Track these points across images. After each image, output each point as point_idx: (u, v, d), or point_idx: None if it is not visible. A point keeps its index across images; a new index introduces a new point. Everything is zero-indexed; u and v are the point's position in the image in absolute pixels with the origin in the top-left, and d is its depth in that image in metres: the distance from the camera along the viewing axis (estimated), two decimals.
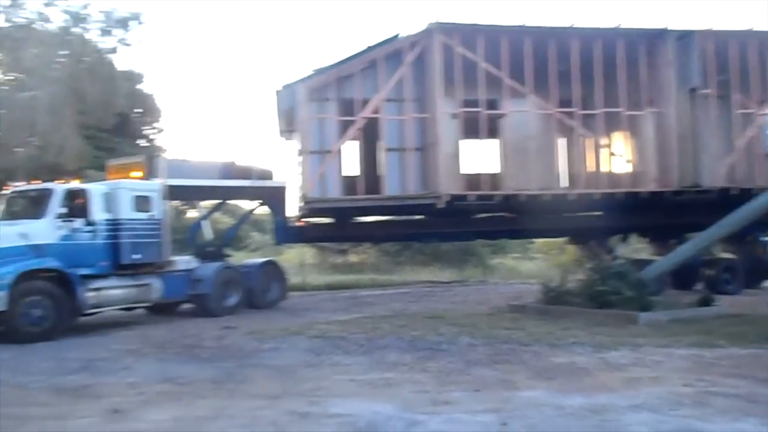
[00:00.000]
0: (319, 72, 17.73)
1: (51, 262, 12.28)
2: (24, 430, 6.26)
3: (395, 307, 16.17)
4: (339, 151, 17.74)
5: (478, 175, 19.22)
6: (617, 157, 18.90)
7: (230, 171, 16.59)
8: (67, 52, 19.18)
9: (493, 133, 18.50)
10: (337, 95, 17.82)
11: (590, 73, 17.82)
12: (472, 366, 8.84)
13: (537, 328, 11.85)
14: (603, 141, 18.58)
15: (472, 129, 18.08)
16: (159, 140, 35.86)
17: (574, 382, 7.81)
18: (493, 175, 19.24)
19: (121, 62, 24.17)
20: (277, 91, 17.95)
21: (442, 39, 17.31)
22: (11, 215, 13.24)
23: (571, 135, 19.06)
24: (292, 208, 18.57)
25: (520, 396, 7.12)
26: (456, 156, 17.92)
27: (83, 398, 7.50)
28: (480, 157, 20.44)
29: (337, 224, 19.53)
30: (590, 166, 18.87)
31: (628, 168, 18.89)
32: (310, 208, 17.41)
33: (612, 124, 18.43)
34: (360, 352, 10.10)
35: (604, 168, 18.88)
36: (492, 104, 18.09)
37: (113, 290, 13.37)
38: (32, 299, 11.79)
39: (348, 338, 11.28)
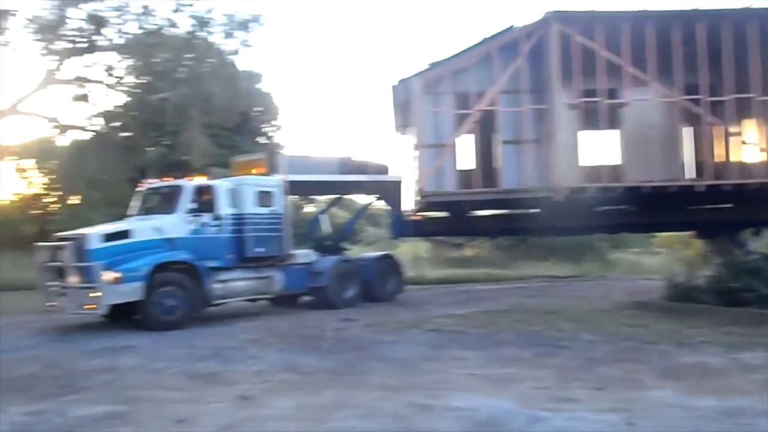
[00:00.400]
0: (434, 65, 17.72)
1: (182, 255, 12.94)
2: (162, 411, 6.62)
3: (512, 302, 15.95)
4: (454, 145, 17.68)
5: (598, 167, 18.62)
6: (749, 145, 17.77)
7: (347, 166, 16.86)
8: (192, 55, 20.06)
9: (613, 123, 17.88)
10: (453, 88, 17.76)
11: (718, 58, 16.86)
12: (594, 364, 8.60)
13: (661, 326, 11.36)
14: (733, 129, 17.53)
15: (591, 119, 17.55)
16: (277, 137, 37.09)
17: (706, 383, 7.44)
18: (614, 167, 18.57)
19: (241, 62, 25.19)
20: (393, 86, 18.10)
21: (559, 28, 16.90)
22: (145, 210, 14.06)
23: (697, 123, 18.12)
24: (408, 202, 18.70)
25: (647, 396, 6.86)
26: (574, 147, 17.46)
27: (214, 384, 7.86)
28: (599, 148, 19.78)
29: (452, 218, 19.48)
30: (719, 155, 17.87)
31: (762, 157, 17.73)
32: (426, 202, 17.46)
33: (743, 110, 17.34)
34: (478, 346, 10.04)
35: (734, 157, 17.81)
36: (612, 93, 17.50)
37: (238, 282, 13.93)
38: (166, 290, 12.48)
39: (465, 332, 11.25)
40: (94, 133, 20.94)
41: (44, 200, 34.31)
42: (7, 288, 21.93)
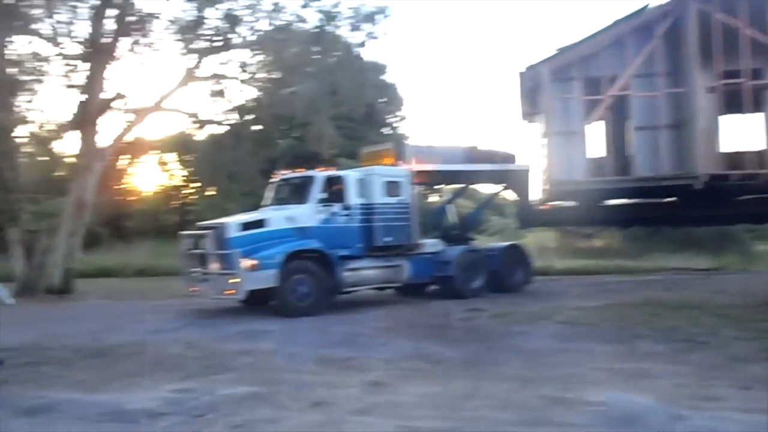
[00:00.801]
0: (563, 51, 17.27)
1: (314, 244, 13.34)
2: (299, 394, 6.87)
3: (646, 295, 15.28)
4: (585, 132, 17.17)
5: (741, 153, 17.52)
6: None
7: (473, 155, 16.75)
8: (320, 49, 20.51)
9: (757, 105, 16.74)
10: (583, 74, 17.23)
11: None
12: (739, 362, 8.08)
13: None
14: None
15: (733, 102, 16.53)
16: (402, 128, 37.43)
17: None
18: (758, 153, 17.42)
19: (367, 54, 25.52)
20: (520, 73, 17.79)
21: (698, 6, 16.03)
22: (278, 201, 14.59)
23: None
24: (536, 191, 18.35)
25: None
26: (714, 132, 16.56)
27: (347, 370, 8.07)
28: (742, 132, 18.63)
29: (582, 208, 18.92)
30: None
31: None
32: (555, 191, 17.07)
33: None
34: (611, 340, 9.71)
35: None
36: (757, 74, 16.42)
37: (367, 271, 14.19)
38: (299, 277, 12.91)
39: (598, 325, 10.91)
40: (229, 127, 21.88)
41: (183, 191, 36.42)
42: (151, 274, 23.48)
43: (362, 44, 21.60)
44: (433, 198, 20.33)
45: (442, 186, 18.79)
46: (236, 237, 12.78)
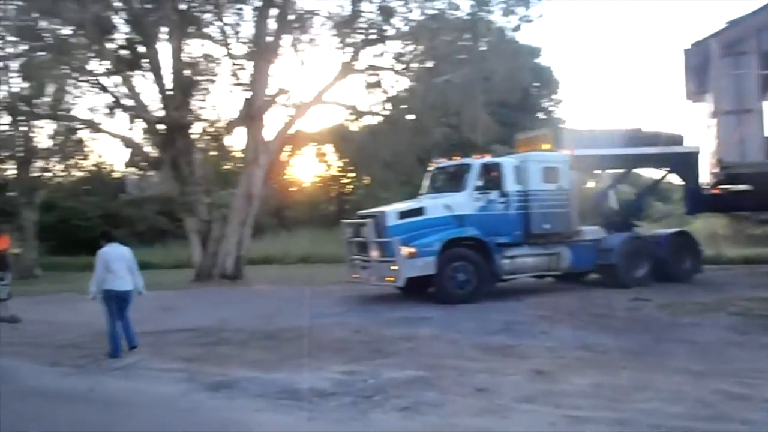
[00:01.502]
0: (734, 24, 16.04)
1: (471, 231, 13.34)
2: (462, 380, 6.96)
3: None
4: (761, 110, 15.89)
5: None
6: None
7: (636, 138, 16.02)
8: (473, 35, 20.39)
9: None
10: (757, 47, 15.91)
11: None
12: None
13: None
14: None
15: None
16: (558, 112, 36.48)
17: None
18: None
19: (521, 38, 25.10)
20: (686, 50, 16.73)
21: None
22: (434, 189, 14.71)
23: None
24: (705, 175, 17.25)
25: None
26: None
27: (508, 357, 8.06)
28: None
29: (757, 192, 17.51)
30: None
31: None
32: (727, 174, 15.91)
33: None
34: None
35: None
36: None
37: (526, 258, 14.00)
38: (457, 264, 12.98)
39: None
40: (385, 118, 22.32)
41: (341, 181, 37.64)
42: (313, 261, 24.50)
43: (516, 28, 21.27)
44: (594, 184, 19.63)
45: (603, 171, 18.11)
46: (395, 225, 13.04)
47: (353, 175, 36.79)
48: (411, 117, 22.13)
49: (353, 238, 14.22)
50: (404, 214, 13.30)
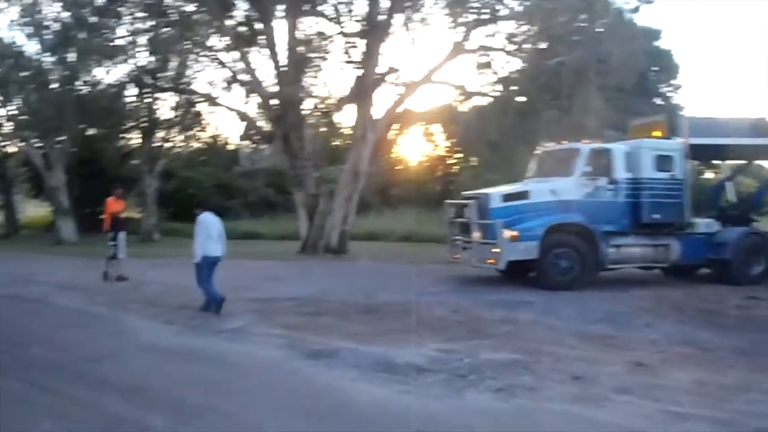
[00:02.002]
0: None
1: (576, 218, 13.07)
2: (559, 366, 6.94)
3: None
4: None
5: None
6: None
7: (760, 128, 15.13)
8: (589, 16, 19.81)
9: None
10: None
11: None
12: None
13: None
14: None
15: None
16: (676, 98, 34.92)
17: None
18: None
19: (640, 20, 24.12)
20: None
21: None
22: (541, 173, 14.46)
23: None
24: None
25: None
26: None
27: (608, 347, 7.94)
28: None
29: None
30: None
31: None
32: None
33: None
34: None
35: None
36: None
37: (632, 248, 13.58)
38: (560, 251, 12.78)
39: None
40: (494, 99, 22.11)
41: (447, 161, 37.63)
42: (415, 240, 24.71)
43: (635, 9, 20.56)
44: (710, 174, 18.70)
45: (721, 162, 17.25)
46: (498, 207, 12.95)
47: (460, 155, 36.70)
48: (521, 99, 21.82)
49: (456, 219, 14.26)
50: (508, 197, 13.18)
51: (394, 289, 12.81)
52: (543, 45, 20.39)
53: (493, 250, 12.79)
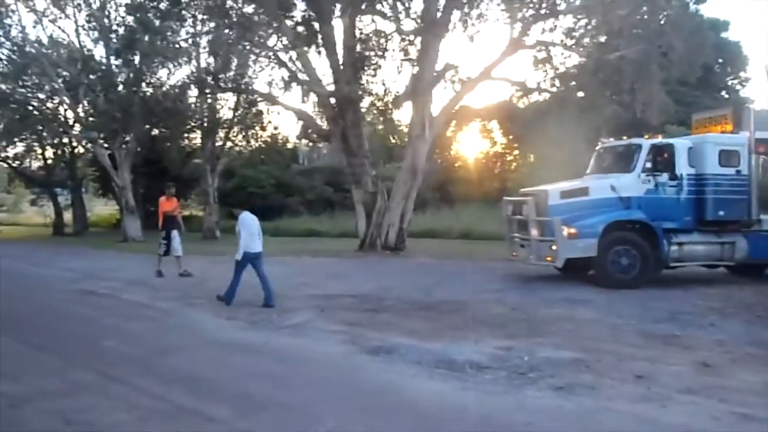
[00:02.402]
0: None
1: (637, 214, 12.82)
2: (621, 365, 6.85)
3: None
4: None
5: None
6: None
7: None
8: (651, 9, 19.37)
9: None
10: None
11: None
12: None
13: None
14: None
15: None
16: (744, 91, 33.89)
17: None
18: None
19: (706, 11, 23.46)
20: None
21: None
22: (601, 169, 14.23)
23: None
24: None
25: None
26: None
27: (671, 347, 7.79)
28: None
29: None
30: None
31: None
32: None
33: None
34: None
35: None
36: None
37: (696, 246, 13.23)
38: (620, 248, 12.57)
39: None
40: (552, 95, 21.85)
41: (505, 158, 37.37)
42: (474, 237, 24.63)
43: (700, 0, 19.99)
44: None
45: None
46: (556, 204, 12.81)
47: (518, 152, 36.40)
48: (580, 94, 21.50)
49: (513, 216, 14.17)
50: (567, 194, 13.03)
51: (452, 287, 12.85)
52: (602, 39, 20.03)
53: (551, 247, 12.67)
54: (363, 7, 20.77)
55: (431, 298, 11.33)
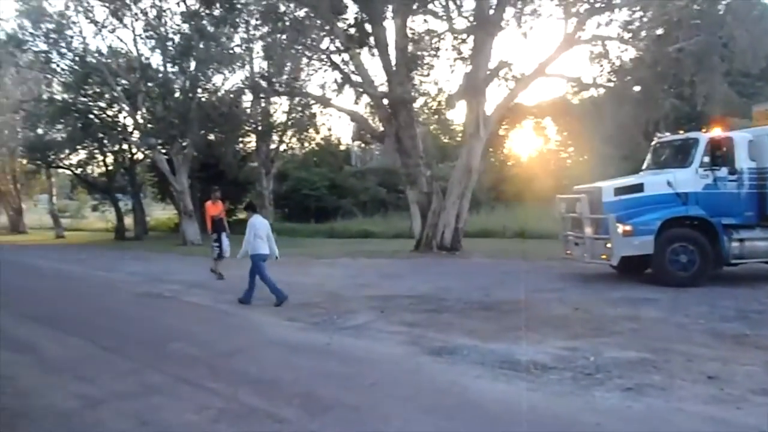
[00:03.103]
0: None
1: (695, 210, 12.44)
2: (690, 365, 6.68)
3: None
4: None
5: None
6: None
7: None
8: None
9: None
10: None
11: None
12: None
13: None
14: None
15: None
16: None
17: None
18: None
19: None
20: None
21: None
22: (657, 165, 13.84)
23: None
24: None
25: None
26: None
27: (743, 346, 7.56)
28: None
29: None
30: None
31: None
32: None
33: None
34: None
35: None
36: None
37: (758, 242, 12.69)
38: (678, 246, 12.24)
39: None
40: (609, 90, 21.43)
41: (560, 155, 36.90)
42: (529, 236, 24.38)
43: None
44: None
45: None
46: (611, 201, 12.54)
47: (572, 149, 35.90)
48: (638, 88, 21.06)
49: (567, 214, 13.99)
50: (621, 191, 12.72)
51: (510, 286, 12.74)
52: (660, 31, 19.59)
53: (606, 245, 12.46)
54: (415, 7, 20.78)
55: (490, 298, 11.26)
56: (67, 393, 6.36)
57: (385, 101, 21.44)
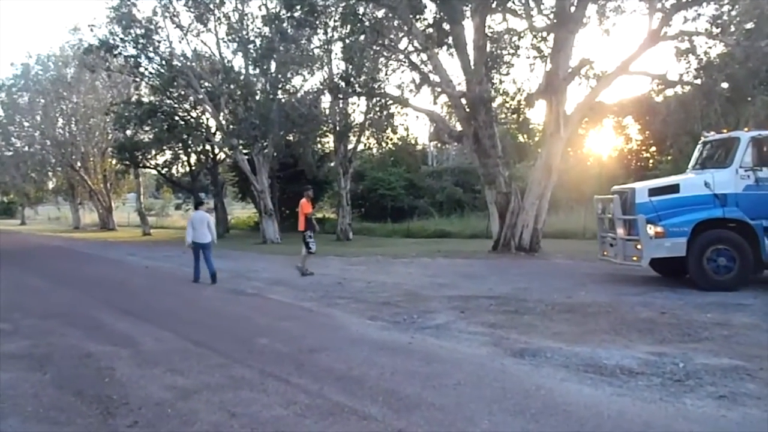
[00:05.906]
0: None
1: (734, 212, 11.90)
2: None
3: None
4: None
5: None
6: None
7: None
8: None
9: None
10: None
11: None
12: None
13: None
14: None
15: None
16: None
17: None
18: None
19: None
20: None
21: None
22: (700, 165, 13.34)
23: None
24: None
25: None
26: None
27: None
28: None
29: None
30: None
31: None
32: None
33: None
34: None
35: None
36: None
37: None
38: (715, 248, 11.78)
39: None
40: (696, 87, 20.70)
41: (642, 155, 35.89)
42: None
43: None
44: None
45: None
46: (644, 202, 12.23)
47: (655, 148, 34.87)
48: (726, 85, 20.28)
49: (603, 214, 13.72)
50: (656, 191, 12.37)
51: (592, 288, 12.52)
52: (751, 25, 18.82)
53: (636, 246, 12.17)
54: (494, 5, 20.62)
55: (572, 300, 11.09)
56: (162, 384, 6.63)
57: (464, 101, 21.36)
